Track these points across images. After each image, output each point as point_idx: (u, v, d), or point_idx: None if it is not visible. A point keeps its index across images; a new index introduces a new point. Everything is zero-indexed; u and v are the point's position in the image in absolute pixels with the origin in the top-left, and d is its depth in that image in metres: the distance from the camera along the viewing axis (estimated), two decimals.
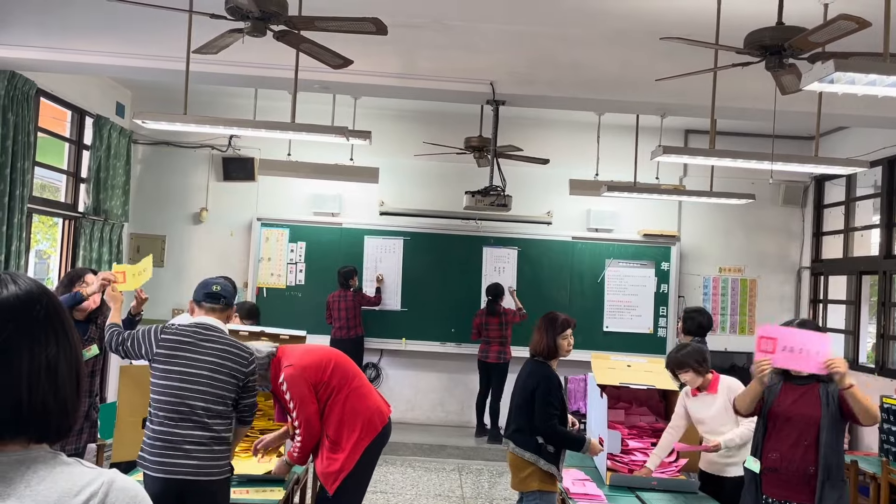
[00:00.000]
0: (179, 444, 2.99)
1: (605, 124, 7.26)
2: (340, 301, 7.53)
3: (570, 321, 3.89)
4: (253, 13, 3.52)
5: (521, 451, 3.72)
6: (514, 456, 3.78)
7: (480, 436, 7.61)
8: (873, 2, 3.37)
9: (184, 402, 3.02)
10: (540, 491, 3.70)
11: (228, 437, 3.13)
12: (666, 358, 4.05)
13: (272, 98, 6.79)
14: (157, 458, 2.99)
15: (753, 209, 7.89)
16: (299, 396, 3.52)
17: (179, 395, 3.03)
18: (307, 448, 3.60)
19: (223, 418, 3.10)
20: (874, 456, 5.60)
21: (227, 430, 3.12)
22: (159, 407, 3.04)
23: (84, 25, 5.06)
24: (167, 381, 3.05)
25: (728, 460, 3.80)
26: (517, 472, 3.76)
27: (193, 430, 3.01)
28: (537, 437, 3.70)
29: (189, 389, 3.03)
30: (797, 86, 3.74)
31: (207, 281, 3.29)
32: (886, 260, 6.79)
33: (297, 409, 3.53)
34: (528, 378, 3.81)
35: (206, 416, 3.04)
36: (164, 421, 3.02)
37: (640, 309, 8.14)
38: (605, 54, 5.19)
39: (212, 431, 3.04)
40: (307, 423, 3.54)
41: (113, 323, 3.40)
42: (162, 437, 3.01)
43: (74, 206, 6.92)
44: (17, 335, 1.00)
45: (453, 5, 4.83)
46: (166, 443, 3.00)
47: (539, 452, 3.69)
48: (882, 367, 6.75)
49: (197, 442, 3.01)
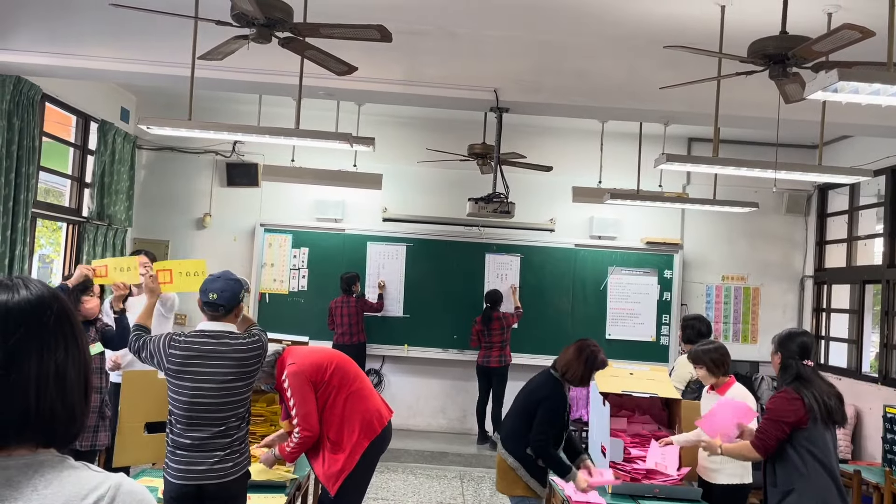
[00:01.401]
0: (199, 450, 3.00)
1: (608, 132, 7.26)
2: (343, 307, 7.53)
3: (606, 363, 3.85)
4: (258, 20, 3.53)
5: (507, 455, 3.76)
6: (500, 459, 3.83)
7: (482, 443, 7.60)
8: (877, 11, 3.38)
9: (200, 413, 3.02)
10: (525, 497, 3.74)
11: (246, 436, 3.15)
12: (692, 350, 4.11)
13: (276, 104, 6.81)
14: (179, 466, 3.00)
15: (757, 217, 7.88)
16: (300, 393, 3.59)
17: (195, 406, 3.02)
18: (304, 446, 3.63)
19: (240, 419, 3.12)
20: (877, 466, 5.58)
21: (245, 427, 3.14)
22: (177, 417, 3.05)
23: (90, 31, 5.08)
24: (181, 394, 3.03)
25: (715, 466, 3.83)
26: (503, 475, 3.80)
27: (210, 439, 3.02)
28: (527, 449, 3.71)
29: (204, 401, 3.02)
30: (801, 95, 3.74)
31: (206, 287, 3.15)
32: (890, 269, 6.78)
33: (297, 404, 3.59)
34: (538, 388, 3.79)
35: (222, 422, 3.04)
36: (181, 429, 3.02)
37: (643, 317, 8.13)
38: (610, 63, 5.20)
39: (229, 437, 3.06)
40: (305, 419, 3.58)
41: (138, 325, 3.28)
42: (182, 443, 3.01)
43: (78, 211, 6.94)
44: (26, 340, 1.00)
45: (458, 13, 4.85)
46: (187, 449, 3.01)
47: (523, 462, 3.71)
48: (885, 377, 6.73)
49: (215, 447, 3.02)
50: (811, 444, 3.18)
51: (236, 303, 3.15)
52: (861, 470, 5.14)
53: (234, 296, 3.14)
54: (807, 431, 3.18)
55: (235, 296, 3.15)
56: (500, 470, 3.82)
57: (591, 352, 3.77)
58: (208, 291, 3.12)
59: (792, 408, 3.18)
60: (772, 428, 3.22)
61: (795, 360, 3.28)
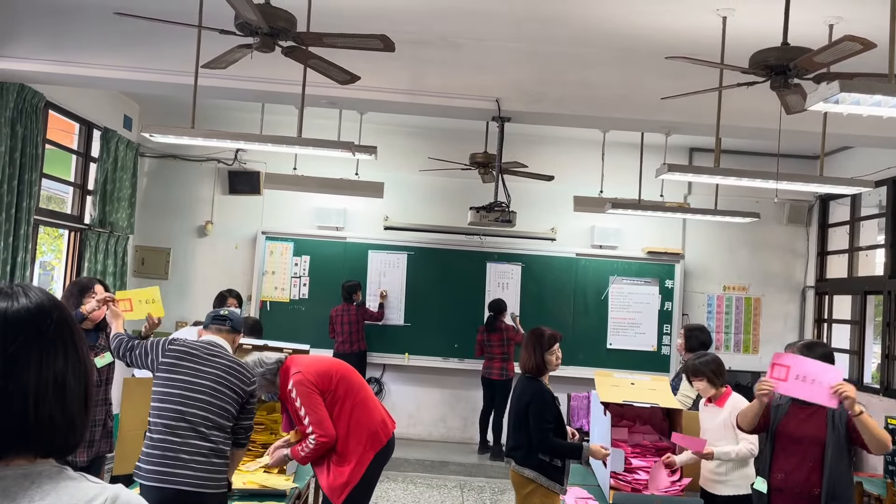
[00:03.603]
0: (177, 454, 2.98)
1: (609, 141, 7.28)
2: (343, 315, 7.52)
3: (557, 336, 3.92)
4: (262, 29, 3.55)
5: (521, 469, 3.73)
6: (515, 474, 3.80)
7: (483, 452, 7.58)
8: (878, 23, 3.39)
9: (184, 411, 3.03)
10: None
11: (226, 451, 3.12)
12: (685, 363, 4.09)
13: (278, 112, 6.83)
14: (154, 468, 2.98)
15: (758, 228, 7.88)
16: (309, 400, 3.57)
17: (180, 403, 3.04)
18: (319, 450, 3.59)
19: (223, 431, 3.10)
20: (879, 478, 5.56)
21: (226, 443, 3.12)
22: (159, 415, 3.05)
23: (94, 39, 5.10)
24: (169, 389, 3.07)
25: (719, 477, 3.82)
26: (519, 490, 3.77)
27: (192, 440, 3.01)
28: (539, 454, 3.69)
29: (190, 398, 3.05)
30: (802, 106, 3.75)
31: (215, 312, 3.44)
32: (891, 280, 6.77)
33: (308, 412, 3.56)
34: (521, 395, 3.84)
35: (205, 426, 3.04)
36: (163, 430, 3.02)
37: (644, 326, 8.12)
38: (611, 73, 5.21)
39: (210, 443, 3.04)
40: (320, 425, 3.56)
41: (118, 332, 3.48)
42: (160, 445, 3.00)
43: (80, 218, 6.95)
44: (25, 348, 1.00)
45: (461, 23, 4.87)
46: (164, 451, 2.99)
47: (541, 469, 3.69)
48: (887, 388, 6.71)
49: (195, 452, 3.00)
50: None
51: (239, 328, 3.41)
52: (863, 482, 5.12)
53: (240, 322, 3.44)
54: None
55: (240, 324, 3.43)
56: (517, 485, 3.81)
57: (535, 336, 3.88)
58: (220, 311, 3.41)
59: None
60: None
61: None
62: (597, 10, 4.47)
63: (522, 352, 3.94)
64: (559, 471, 3.74)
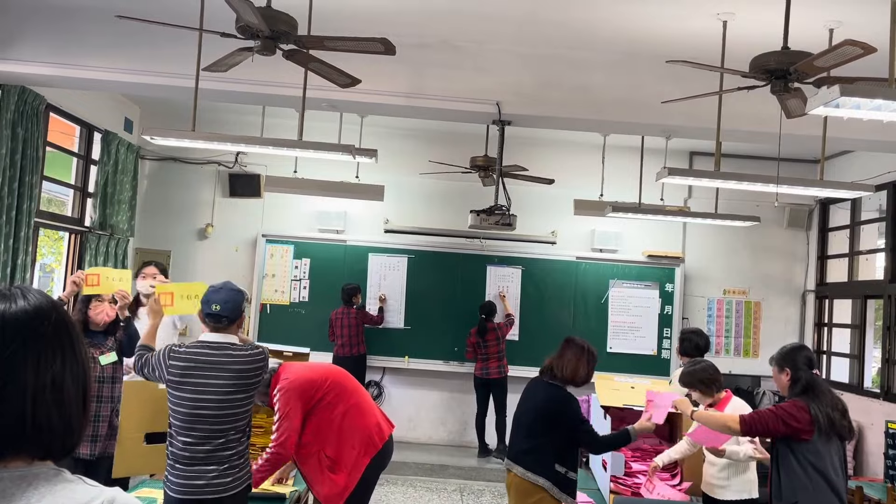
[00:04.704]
0: (199, 463, 2.98)
1: (610, 145, 7.28)
2: (343, 318, 7.52)
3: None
4: (263, 32, 3.55)
5: (535, 477, 3.54)
6: (521, 480, 3.59)
7: (483, 456, 7.56)
8: (879, 27, 3.40)
9: (200, 425, 3.00)
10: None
11: (246, 450, 3.11)
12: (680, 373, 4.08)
13: (279, 115, 6.83)
14: (180, 480, 2.98)
15: (758, 231, 7.88)
16: (285, 409, 3.47)
17: (195, 418, 3.00)
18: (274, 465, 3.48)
19: (240, 432, 3.08)
20: (879, 482, 5.55)
21: (245, 441, 3.11)
22: (177, 429, 3.02)
23: (95, 42, 5.11)
24: (181, 405, 3.01)
25: (721, 482, 3.81)
26: (523, 497, 3.58)
27: (212, 451, 3.00)
28: (556, 464, 3.56)
29: (203, 412, 3.00)
30: (802, 110, 3.76)
31: (208, 298, 3.13)
32: (891, 284, 6.76)
33: (281, 420, 3.47)
34: (547, 402, 3.67)
35: (222, 434, 3.02)
36: (184, 441, 3.00)
37: (644, 330, 8.12)
38: (612, 76, 5.21)
39: (229, 450, 3.03)
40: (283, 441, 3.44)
41: (143, 345, 3.28)
42: (182, 456, 2.99)
43: (81, 221, 6.95)
44: (23, 350, 1.00)
45: (461, 27, 4.87)
46: (187, 462, 2.98)
47: (555, 480, 3.54)
48: (887, 392, 6.70)
49: (215, 461, 2.99)
50: (816, 459, 3.17)
51: (239, 314, 3.14)
52: (863, 486, 5.11)
53: (237, 307, 3.13)
54: (811, 444, 3.17)
55: (238, 307, 3.13)
56: (520, 493, 3.61)
57: (591, 353, 3.76)
58: (211, 303, 3.09)
59: (798, 415, 3.18)
60: (770, 418, 3.22)
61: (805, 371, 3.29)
62: (597, 14, 4.48)
63: (570, 360, 3.70)
64: (573, 484, 3.61)
